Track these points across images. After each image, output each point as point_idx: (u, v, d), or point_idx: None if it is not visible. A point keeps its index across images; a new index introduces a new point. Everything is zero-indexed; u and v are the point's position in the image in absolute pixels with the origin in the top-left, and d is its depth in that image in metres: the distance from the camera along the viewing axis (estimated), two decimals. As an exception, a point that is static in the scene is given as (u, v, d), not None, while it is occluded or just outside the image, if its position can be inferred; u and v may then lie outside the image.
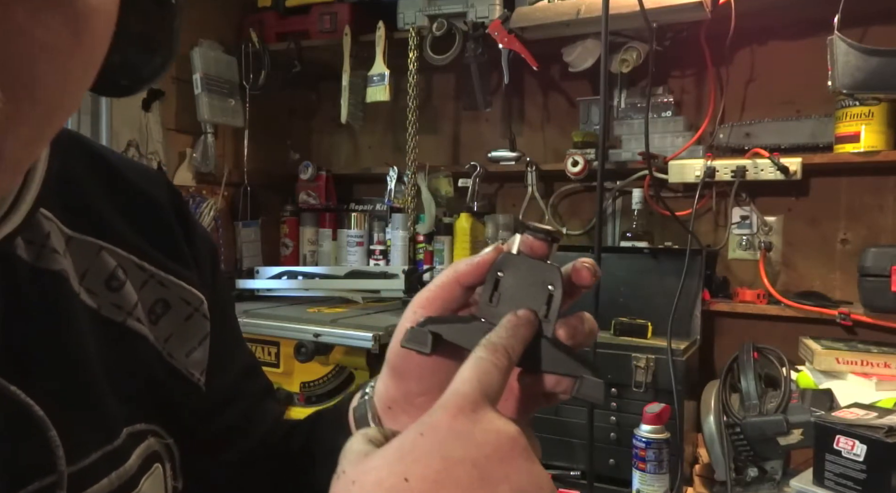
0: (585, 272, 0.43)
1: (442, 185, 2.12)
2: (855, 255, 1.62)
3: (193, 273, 0.55)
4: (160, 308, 0.52)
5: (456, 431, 0.33)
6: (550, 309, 0.42)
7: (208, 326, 0.55)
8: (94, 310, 0.47)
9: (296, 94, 2.47)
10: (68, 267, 0.45)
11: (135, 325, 0.49)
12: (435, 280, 0.46)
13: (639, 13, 1.51)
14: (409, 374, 0.47)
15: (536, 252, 0.43)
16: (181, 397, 0.53)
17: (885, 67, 1.44)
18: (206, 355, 0.55)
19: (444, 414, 0.33)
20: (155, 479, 0.50)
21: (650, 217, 1.91)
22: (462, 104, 2.12)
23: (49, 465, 0.40)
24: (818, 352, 1.49)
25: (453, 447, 0.32)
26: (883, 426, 1.15)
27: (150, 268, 0.51)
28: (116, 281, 0.49)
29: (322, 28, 2.09)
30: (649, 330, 1.57)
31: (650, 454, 1.34)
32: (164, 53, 0.44)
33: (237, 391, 0.60)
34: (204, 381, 0.55)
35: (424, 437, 0.33)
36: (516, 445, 0.33)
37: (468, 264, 0.44)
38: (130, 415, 0.48)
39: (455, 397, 0.34)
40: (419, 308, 0.45)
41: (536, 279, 0.42)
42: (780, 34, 1.82)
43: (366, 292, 2.03)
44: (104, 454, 0.45)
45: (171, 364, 0.52)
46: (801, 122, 1.73)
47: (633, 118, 1.92)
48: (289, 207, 2.39)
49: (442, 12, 1.91)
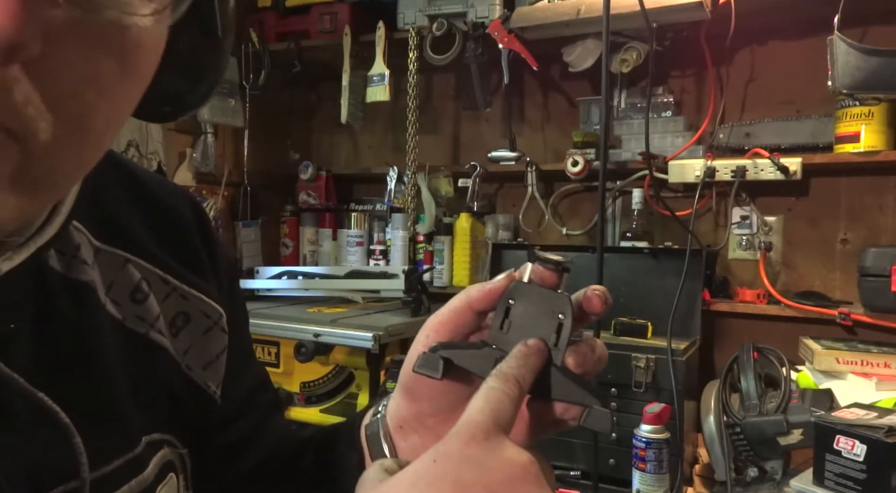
0: (596, 300, 0.44)
1: (442, 185, 2.12)
2: (855, 255, 1.62)
3: (213, 287, 0.56)
4: (181, 321, 0.53)
5: (468, 457, 0.34)
6: (560, 338, 0.43)
7: (226, 339, 0.56)
8: (119, 321, 0.48)
9: (296, 94, 2.47)
10: (96, 278, 0.47)
11: (157, 337, 0.51)
12: (447, 305, 0.47)
13: (639, 13, 1.51)
14: (422, 396, 0.48)
15: (547, 282, 0.44)
16: (197, 409, 0.54)
17: (885, 67, 1.44)
18: (222, 368, 0.56)
19: (457, 442, 0.35)
20: (170, 488, 0.51)
21: (650, 217, 1.91)
22: (462, 104, 2.12)
23: (73, 471, 0.41)
24: (818, 352, 1.49)
25: (466, 473, 0.33)
26: (883, 426, 1.15)
27: (172, 281, 0.52)
28: (140, 293, 0.50)
29: (322, 28, 2.09)
30: (649, 330, 1.57)
31: (650, 454, 1.34)
32: (210, 81, 0.45)
33: (249, 404, 0.61)
34: (220, 393, 0.56)
35: (437, 463, 0.34)
36: (528, 473, 0.34)
37: (480, 290, 0.45)
38: (149, 424, 0.49)
39: (468, 426, 0.35)
40: (432, 332, 0.46)
41: (547, 308, 0.43)
42: (780, 34, 1.82)
43: (366, 292, 2.03)
44: (125, 461, 0.45)
45: (189, 376, 0.54)
46: (801, 122, 1.73)
47: (633, 118, 1.92)
48: (289, 207, 2.40)
49: (442, 12, 1.91)
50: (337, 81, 2.10)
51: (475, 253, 2.05)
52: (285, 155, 2.49)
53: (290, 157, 2.48)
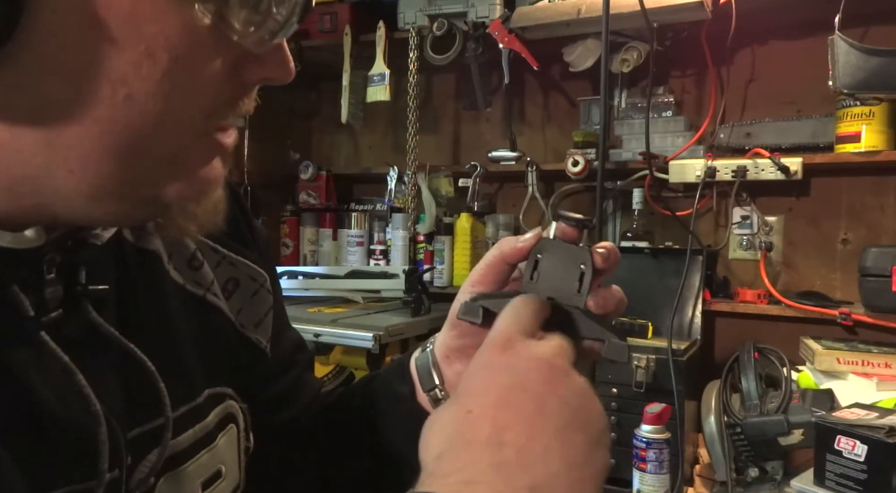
0: (598, 257, 0.50)
1: (442, 185, 2.12)
2: (856, 255, 1.62)
3: (255, 254, 0.62)
4: (231, 286, 0.59)
5: (503, 364, 0.41)
6: (583, 285, 0.50)
7: (272, 300, 0.63)
8: (181, 285, 0.54)
9: (296, 94, 2.47)
10: (160, 248, 0.53)
11: (213, 299, 0.57)
12: (484, 259, 0.54)
13: (639, 13, 1.51)
14: (465, 332, 0.55)
15: (569, 237, 0.51)
16: (251, 363, 0.61)
17: (886, 67, 1.44)
18: (270, 325, 0.63)
19: (492, 353, 0.42)
20: (230, 437, 0.56)
21: (651, 217, 1.91)
22: (462, 104, 2.12)
23: (159, 410, 0.48)
24: (819, 352, 1.49)
25: (503, 377, 0.40)
26: (884, 427, 1.15)
27: (221, 250, 0.59)
28: (196, 261, 0.56)
29: (322, 28, 2.09)
30: (650, 330, 1.57)
31: (651, 455, 1.34)
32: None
33: (292, 361, 0.68)
34: (269, 348, 0.63)
35: (479, 376, 0.41)
36: (554, 366, 0.41)
37: (512, 247, 0.52)
38: (211, 378, 0.55)
39: (498, 335, 0.43)
40: (475, 283, 0.54)
41: (571, 260, 0.50)
42: (780, 34, 1.81)
43: (366, 292, 2.03)
44: (188, 409, 0.51)
45: (243, 333, 0.60)
46: (801, 122, 1.73)
47: (633, 118, 1.92)
48: (289, 207, 2.39)
49: (442, 12, 1.91)
50: (337, 81, 2.09)
51: (476, 253, 2.05)
52: (285, 155, 2.48)
53: (290, 156, 2.48)
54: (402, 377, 0.60)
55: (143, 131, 0.37)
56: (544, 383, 0.39)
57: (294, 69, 0.42)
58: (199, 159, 0.42)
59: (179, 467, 0.50)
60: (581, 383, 0.41)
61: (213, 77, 0.38)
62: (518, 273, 0.54)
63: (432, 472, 0.37)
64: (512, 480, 0.35)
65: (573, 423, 0.39)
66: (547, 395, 0.39)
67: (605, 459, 0.39)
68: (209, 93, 0.39)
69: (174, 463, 0.49)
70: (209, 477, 0.53)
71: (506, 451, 0.36)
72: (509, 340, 0.42)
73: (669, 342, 1.47)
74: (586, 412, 0.40)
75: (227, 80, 0.39)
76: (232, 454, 0.57)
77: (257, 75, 0.41)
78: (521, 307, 0.45)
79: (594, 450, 0.39)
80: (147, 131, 0.37)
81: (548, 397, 0.39)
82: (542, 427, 0.38)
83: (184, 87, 0.37)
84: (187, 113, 0.38)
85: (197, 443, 0.52)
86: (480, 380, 0.40)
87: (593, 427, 0.39)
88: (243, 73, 0.40)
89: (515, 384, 0.39)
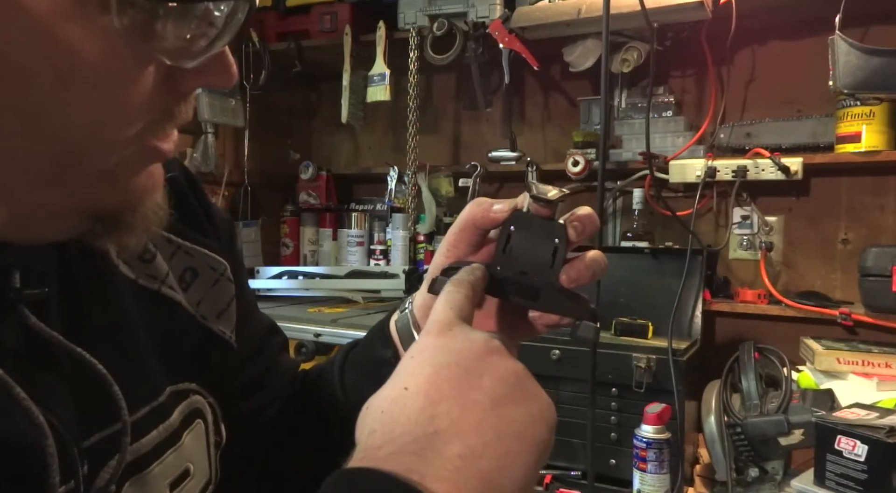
0: (571, 231, 0.50)
1: (442, 185, 2.12)
2: (856, 255, 1.62)
3: (214, 242, 0.60)
4: (189, 276, 0.57)
5: (439, 345, 0.41)
6: (556, 259, 0.49)
7: (233, 288, 0.61)
8: (132, 280, 0.52)
9: (296, 94, 2.47)
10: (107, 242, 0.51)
11: (168, 292, 0.55)
12: (457, 222, 0.55)
13: (640, 13, 1.51)
14: None
15: (542, 214, 0.50)
16: (216, 356, 0.59)
17: (886, 67, 1.44)
18: (234, 315, 0.61)
19: (428, 337, 0.42)
20: (197, 433, 0.55)
21: (651, 217, 1.91)
22: (462, 104, 2.12)
23: (114, 415, 0.46)
24: (819, 352, 1.49)
25: (439, 357, 0.40)
26: (884, 427, 1.15)
27: (176, 239, 0.57)
28: (148, 254, 0.54)
29: (322, 28, 2.09)
30: (650, 330, 1.57)
31: (651, 455, 1.34)
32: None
33: (261, 346, 0.66)
34: (234, 338, 0.61)
35: (414, 357, 0.41)
36: (489, 346, 0.41)
37: (484, 214, 0.52)
38: (172, 374, 0.53)
39: (433, 323, 0.43)
40: (450, 246, 0.55)
41: (544, 234, 0.49)
42: (780, 34, 1.81)
43: (366, 292, 2.03)
44: (150, 409, 0.50)
45: (205, 325, 0.58)
46: (801, 122, 1.73)
47: (633, 118, 1.92)
48: (289, 207, 2.39)
49: (442, 12, 1.91)
50: (337, 81, 2.09)
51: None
52: (286, 155, 2.49)
53: (290, 157, 2.48)
54: (384, 341, 0.59)
55: (69, 158, 0.36)
56: (479, 362, 0.40)
57: (236, 73, 0.41)
58: (133, 171, 0.41)
59: (144, 470, 0.48)
60: (518, 365, 0.41)
61: (141, 94, 0.37)
62: (496, 233, 0.53)
63: (365, 447, 0.37)
64: (443, 449, 0.35)
65: (508, 398, 0.38)
66: (483, 371, 0.39)
67: (544, 434, 0.39)
68: (139, 109, 0.37)
69: (138, 467, 0.48)
70: (177, 477, 0.52)
71: (438, 422, 0.37)
72: (446, 324, 0.42)
73: (669, 342, 1.47)
74: (523, 388, 0.39)
75: (160, 92, 0.38)
76: (200, 451, 0.55)
77: (194, 84, 0.40)
78: (455, 293, 0.45)
79: (533, 424, 0.38)
80: (75, 155, 0.36)
81: (484, 373, 0.39)
82: (477, 401, 0.38)
83: (109, 107, 0.36)
84: (118, 132, 0.37)
85: (162, 444, 0.50)
86: (416, 361, 0.40)
87: (532, 404, 0.39)
88: (179, 83, 0.39)
89: (451, 362, 0.39)
